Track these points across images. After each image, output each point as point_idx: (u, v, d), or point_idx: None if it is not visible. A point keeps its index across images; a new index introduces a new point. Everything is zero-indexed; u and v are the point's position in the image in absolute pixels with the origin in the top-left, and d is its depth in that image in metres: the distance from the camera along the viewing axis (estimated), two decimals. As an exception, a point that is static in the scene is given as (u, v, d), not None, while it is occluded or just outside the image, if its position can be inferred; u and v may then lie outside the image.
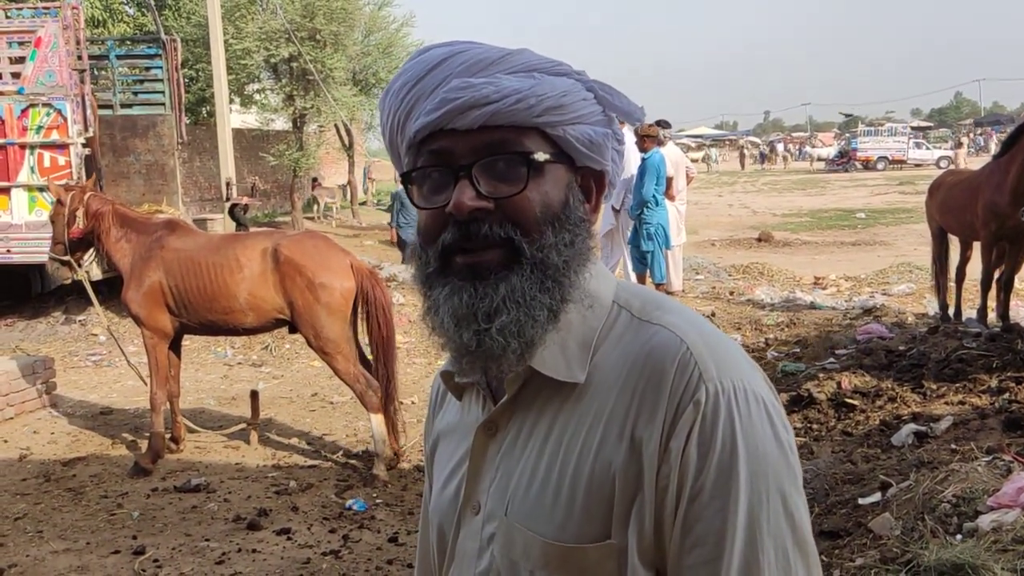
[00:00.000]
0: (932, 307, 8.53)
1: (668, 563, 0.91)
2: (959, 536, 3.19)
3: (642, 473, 0.91)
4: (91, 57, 11.18)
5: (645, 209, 8.31)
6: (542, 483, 0.96)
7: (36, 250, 9.30)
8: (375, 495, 5.07)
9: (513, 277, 0.93)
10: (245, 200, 14.40)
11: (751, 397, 0.91)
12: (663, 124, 8.76)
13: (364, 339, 5.63)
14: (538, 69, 0.96)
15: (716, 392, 0.90)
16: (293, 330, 5.59)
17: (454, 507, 1.06)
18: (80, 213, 5.78)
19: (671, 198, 8.83)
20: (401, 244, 12.90)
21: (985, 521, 3.16)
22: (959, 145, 34.71)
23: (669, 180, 8.67)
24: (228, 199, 12.82)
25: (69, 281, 9.90)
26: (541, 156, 0.95)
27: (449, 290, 0.95)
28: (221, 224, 12.56)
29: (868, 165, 42.65)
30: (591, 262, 1.00)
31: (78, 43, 9.84)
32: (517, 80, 0.94)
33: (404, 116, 0.97)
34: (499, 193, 0.94)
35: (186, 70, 17.11)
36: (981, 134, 54.01)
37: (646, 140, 8.20)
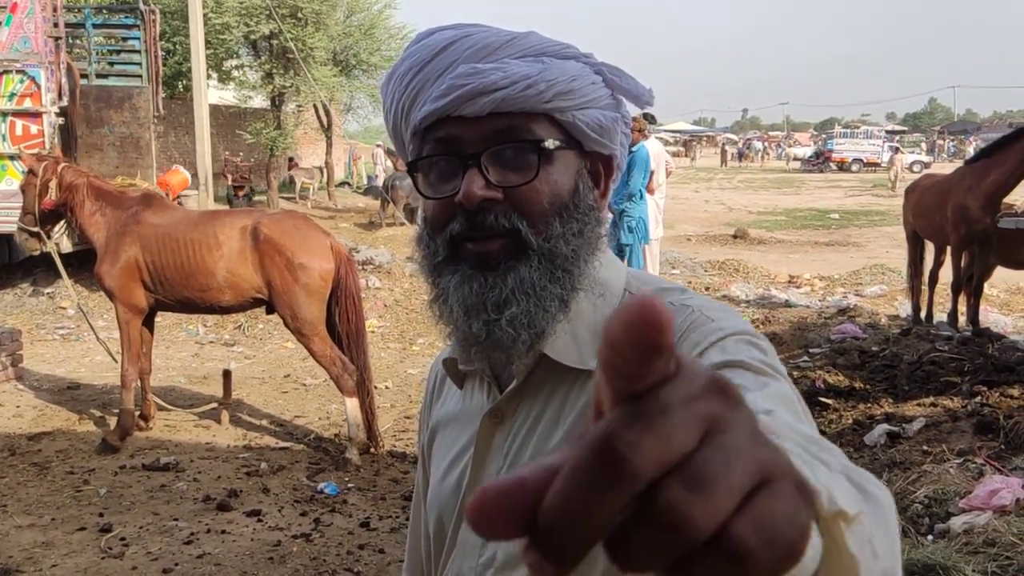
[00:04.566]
0: (904, 309, 8.63)
1: None
2: (930, 537, 3.23)
3: None
4: (67, 25, 10.94)
5: (628, 203, 8.30)
6: None
7: (4, 220, 9.09)
8: (347, 479, 5.04)
9: (522, 268, 0.91)
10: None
11: (767, 345, 0.88)
12: (649, 118, 8.75)
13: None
14: (546, 53, 0.93)
15: (736, 334, 0.86)
16: (270, 310, 5.52)
17: (456, 496, 1.04)
18: (53, 184, 5.65)
19: (651, 191, 8.83)
20: None
21: (957, 523, 3.20)
22: (897, 151, 35.51)
23: (651, 174, 8.67)
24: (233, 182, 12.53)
25: (38, 253, 9.69)
26: (551, 143, 0.92)
27: (459, 279, 0.93)
28: (195, 201, 12.38)
29: (843, 167, 43.12)
30: (600, 250, 0.98)
31: (55, 10, 9.64)
32: (526, 65, 0.91)
33: (409, 102, 0.94)
34: (508, 182, 0.92)
35: (163, 43, 16.80)
36: (953, 141, 54.79)
37: (634, 133, 8.19)
